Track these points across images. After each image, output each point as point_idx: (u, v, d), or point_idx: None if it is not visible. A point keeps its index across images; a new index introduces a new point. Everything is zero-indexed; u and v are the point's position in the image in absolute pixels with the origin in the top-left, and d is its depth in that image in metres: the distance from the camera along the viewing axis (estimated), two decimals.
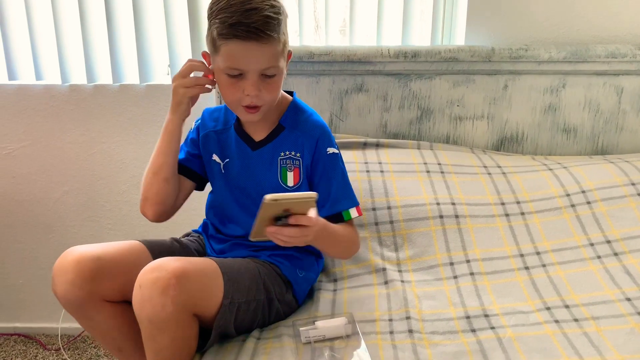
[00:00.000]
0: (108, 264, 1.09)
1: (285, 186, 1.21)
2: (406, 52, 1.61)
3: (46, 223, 1.89)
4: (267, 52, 1.08)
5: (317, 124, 1.23)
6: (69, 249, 1.11)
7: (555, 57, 1.61)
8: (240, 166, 1.24)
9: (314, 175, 1.22)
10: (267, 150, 1.22)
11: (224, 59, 1.09)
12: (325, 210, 1.20)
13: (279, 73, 1.12)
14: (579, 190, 1.44)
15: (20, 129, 1.81)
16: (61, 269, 1.08)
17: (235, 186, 1.25)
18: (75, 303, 1.08)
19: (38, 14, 1.73)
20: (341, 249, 1.24)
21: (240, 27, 1.04)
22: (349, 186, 1.24)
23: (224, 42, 1.07)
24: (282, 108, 1.23)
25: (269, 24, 1.05)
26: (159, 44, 1.74)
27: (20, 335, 1.99)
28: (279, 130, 1.22)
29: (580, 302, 1.18)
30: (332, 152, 1.22)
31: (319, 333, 1.09)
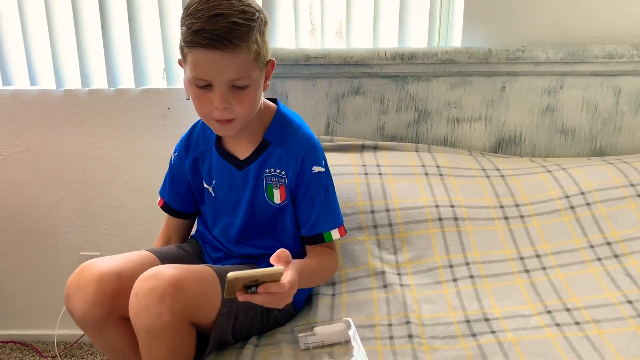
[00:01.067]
0: (127, 280, 1.03)
1: (272, 203, 1.18)
2: (403, 54, 1.60)
3: (41, 229, 1.88)
4: (235, 61, 1.00)
5: (303, 139, 1.16)
6: (85, 264, 1.06)
7: (552, 58, 1.60)
8: (228, 187, 1.20)
9: (297, 194, 1.17)
10: (253, 168, 1.17)
11: (190, 68, 1.02)
12: (306, 231, 1.18)
13: (251, 85, 1.04)
14: (578, 192, 1.43)
15: (14, 135, 1.79)
16: (79, 287, 1.03)
17: (225, 208, 1.22)
18: (94, 322, 1.04)
19: (32, 18, 1.72)
20: (318, 282, 1.22)
21: (203, 34, 0.97)
22: (334, 206, 1.19)
23: (189, 51, 1.00)
24: (266, 121, 1.17)
25: (235, 31, 0.98)
26: (154, 47, 1.73)
27: (16, 342, 1.97)
28: (264, 147, 1.16)
29: (581, 305, 1.17)
30: (317, 171, 1.16)
31: (318, 339, 1.08)
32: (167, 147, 1.77)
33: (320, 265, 1.16)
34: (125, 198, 1.83)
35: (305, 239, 1.18)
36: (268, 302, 0.95)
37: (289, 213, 1.18)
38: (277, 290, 0.93)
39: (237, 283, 0.91)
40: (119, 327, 1.06)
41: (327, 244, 1.19)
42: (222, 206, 1.22)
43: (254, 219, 1.19)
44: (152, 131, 1.77)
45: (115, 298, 1.03)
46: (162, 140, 1.77)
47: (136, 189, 1.82)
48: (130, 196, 1.83)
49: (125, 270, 1.06)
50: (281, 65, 1.59)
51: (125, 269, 1.06)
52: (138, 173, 1.81)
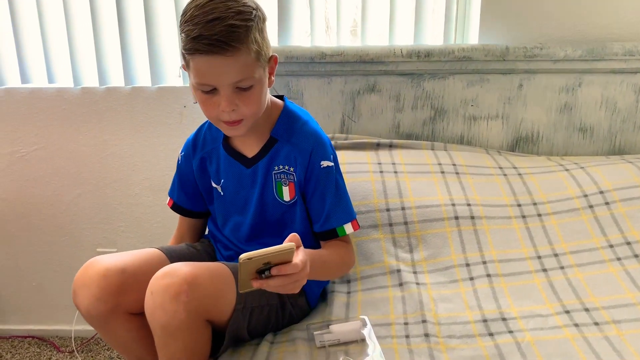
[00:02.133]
0: (132, 276, 1.06)
1: (281, 201, 1.17)
2: (419, 51, 1.59)
3: (59, 226, 1.90)
4: (236, 64, 0.99)
5: (310, 134, 1.15)
6: (91, 260, 1.08)
7: (571, 55, 1.58)
8: (236, 185, 1.20)
9: (307, 190, 1.16)
10: (261, 166, 1.16)
11: (193, 74, 1.02)
12: (319, 226, 1.17)
13: (256, 84, 1.03)
14: (597, 191, 1.41)
15: (32, 132, 1.82)
16: (84, 282, 1.05)
17: (234, 207, 1.22)
18: (100, 317, 1.05)
19: (50, 17, 1.74)
20: (333, 276, 1.21)
21: (202, 40, 0.96)
22: (345, 200, 1.18)
23: (190, 57, 1.00)
24: (272, 118, 1.16)
25: (233, 33, 0.96)
26: (171, 46, 1.74)
27: (34, 337, 2.00)
28: (272, 143, 1.15)
29: (601, 305, 1.16)
30: (326, 166, 1.15)
31: (334, 337, 1.08)
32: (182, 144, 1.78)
33: (333, 257, 1.15)
34: (142, 195, 1.85)
35: (319, 235, 1.18)
36: (283, 286, 0.94)
37: (299, 210, 1.18)
38: (291, 270, 0.92)
39: (249, 268, 0.91)
40: (126, 323, 1.08)
41: (342, 239, 1.18)
42: (231, 205, 1.22)
43: (263, 217, 1.19)
44: (169, 129, 1.78)
45: (119, 293, 1.04)
46: (178, 138, 1.78)
47: (152, 187, 1.83)
48: (147, 193, 1.84)
49: (130, 267, 1.07)
50: (296, 63, 1.59)
51: (130, 265, 1.08)
52: (154, 170, 1.82)
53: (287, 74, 1.62)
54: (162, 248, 1.19)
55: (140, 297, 1.04)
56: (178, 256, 1.17)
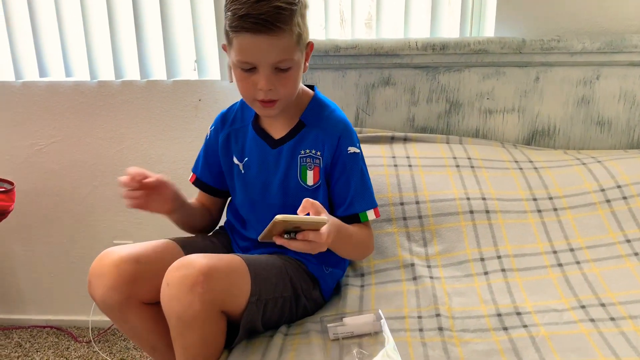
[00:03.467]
0: (146, 266, 1.07)
1: (304, 185, 1.18)
2: (434, 44, 1.58)
3: (76, 218, 1.92)
4: (279, 44, 1.03)
5: (339, 121, 1.19)
6: (105, 251, 1.10)
7: (588, 47, 1.56)
8: (259, 165, 1.21)
9: (332, 174, 1.18)
10: (287, 148, 1.18)
11: (235, 52, 1.05)
12: (342, 211, 1.18)
13: (294, 66, 1.07)
14: (614, 185, 1.40)
15: (50, 125, 1.84)
16: (99, 272, 1.07)
17: (254, 186, 1.22)
18: (114, 306, 1.07)
19: (67, 12, 1.75)
20: (355, 252, 1.22)
21: (249, 19, 1.00)
22: (368, 187, 1.20)
23: (235, 35, 1.03)
24: (302, 104, 1.20)
25: (279, 15, 1.00)
26: (186, 39, 1.75)
27: (52, 327, 2.03)
28: (300, 127, 1.18)
29: (617, 301, 1.14)
30: (352, 152, 1.18)
31: (347, 329, 1.08)
32: (198, 137, 1.79)
33: (357, 234, 1.17)
34: None
35: (342, 220, 1.18)
36: (302, 249, 0.99)
37: (322, 195, 1.19)
38: (315, 238, 0.97)
39: (279, 227, 0.96)
40: (140, 312, 1.09)
41: (364, 224, 1.20)
42: (252, 185, 1.23)
43: (284, 200, 1.20)
44: (184, 122, 1.79)
45: (133, 283, 1.06)
46: (193, 131, 1.80)
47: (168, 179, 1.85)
48: None
49: (144, 257, 1.09)
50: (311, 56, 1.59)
51: (144, 255, 1.09)
52: (170, 163, 1.84)
53: None
54: (176, 239, 1.20)
55: (153, 287, 1.06)
56: (192, 247, 1.18)
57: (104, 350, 1.89)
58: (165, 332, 1.10)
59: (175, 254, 1.13)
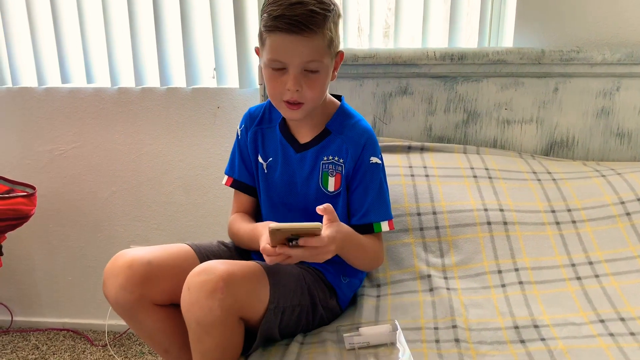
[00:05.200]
0: (158, 268, 1.10)
1: (325, 191, 1.20)
2: (453, 54, 1.58)
3: (95, 222, 1.95)
4: (310, 45, 1.06)
5: (364, 130, 1.21)
6: (120, 252, 1.13)
7: (609, 59, 1.55)
8: (282, 168, 1.23)
9: (352, 182, 1.20)
10: (310, 154, 1.21)
11: (267, 51, 1.09)
12: (356, 219, 1.19)
13: (322, 69, 1.10)
14: (634, 198, 1.38)
15: (71, 131, 1.87)
16: (112, 273, 1.10)
17: (275, 188, 1.24)
18: (126, 306, 1.09)
19: (89, 20, 1.78)
20: (364, 262, 1.22)
21: (283, 19, 1.04)
22: (385, 198, 1.21)
23: (268, 35, 1.07)
24: (329, 112, 1.22)
25: (313, 18, 1.04)
26: (205, 47, 1.77)
27: (69, 330, 2.05)
28: (325, 135, 1.21)
29: (637, 315, 1.13)
30: (374, 162, 1.19)
31: (363, 340, 1.08)
32: (216, 145, 1.81)
33: (367, 245, 1.18)
34: (175, 194, 1.88)
35: (355, 228, 1.18)
36: (307, 256, 1.01)
37: (341, 203, 1.20)
38: (317, 243, 0.99)
39: (278, 236, 0.98)
40: (152, 313, 1.11)
41: (376, 235, 1.21)
42: (273, 186, 1.24)
43: (304, 205, 1.21)
44: (202, 129, 1.81)
45: (144, 283, 1.08)
46: (212, 139, 1.81)
47: (185, 185, 1.87)
48: (180, 192, 1.88)
49: (156, 259, 1.11)
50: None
51: (156, 257, 1.12)
52: (188, 170, 1.86)
53: None
54: (191, 244, 1.21)
55: (166, 289, 1.10)
56: (207, 253, 1.20)
57: (119, 354, 1.91)
58: (178, 335, 1.12)
59: (189, 258, 1.16)
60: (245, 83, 1.72)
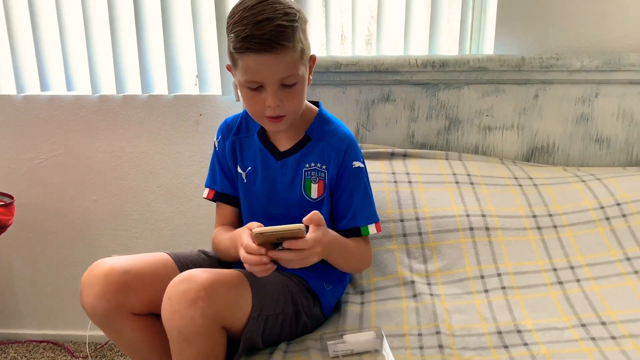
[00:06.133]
0: (136, 277, 1.09)
1: (309, 198, 1.19)
2: (434, 61, 1.59)
3: (76, 232, 1.92)
4: (283, 61, 1.05)
5: (345, 135, 1.21)
6: (97, 261, 1.11)
7: (587, 66, 1.57)
8: (263, 177, 1.22)
9: (337, 188, 1.20)
10: (291, 161, 1.20)
11: (241, 73, 1.07)
12: (343, 224, 1.19)
13: (299, 81, 1.09)
14: (613, 203, 1.40)
15: (51, 139, 1.84)
16: (89, 282, 1.08)
17: (256, 197, 1.23)
18: (103, 316, 1.08)
19: (70, 26, 1.76)
20: (351, 265, 1.22)
21: (252, 39, 1.02)
22: (371, 202, 1.22)
23: (240, 56, 1.06)
24: (308, 119, 1.22)
25: (282, 33, 1.03)
26: (187, 54, 1.76)
27: (49, 342, 2.01)
28: (306, 141, 1.20)
29: (618, 319, 1.14)
30: (357, 166, 1.20)
31: (347, 347, 1.08)
32: (198, 152, 1.80)
33: (355, 248, 1.18)
34: (157, 202, 1.86)
35: (342, 233, 1.18)
36: (294, 259, 1.00)
37: (325, 209, 1.20)
38: (302, 245, 0.98)
39: (261, 240, 0.97)
40: (131, 323, 1.10)
41: (363, 238, 1.21)
42: (253, 196, 1.24)
43: (287, 213, 1.21)
44: (185, 137, 1.80)
45: (121, 292, 1.07)
46: (194, 146, 1.80)
47: (167, 194, 1.85)
48: (162, 200, 1.86)
49: (134, 268, 1.10)
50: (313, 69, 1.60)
51: (134, 266, 1.11)
52: (170, 178, 1.84)
53: None
54: (170, 253, 1.20)
55: (144, 298, 1.08)
56: (187, 262, 1.19)
57: None
58: (158, 345, 1.11)
59: (168, 267, 1.15)
60: (228, 90, 1.72)
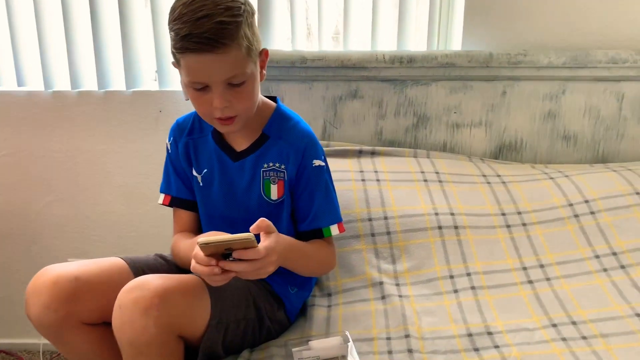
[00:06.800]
0: (86, 284, 1.02)
1: (268, 199, 1.14)
2: (402, 57, 1.56)
3: (28, 235, 1.82)
4: (227, 61, 0.98)
5: (304, 133, 1.15)
6: (44, 268, 1.04)
7: (554, 62, 1.57)
8: (220, 179, 1.16)
9: (297, 188, 1.15)
10: (249, 161, 1.14)
11: (184, 73, 1.01)
12: (305, 225, 1.15)
13: (247, 79, 1.03)
14: (582, 200, 1.39)
15: (1, 137, 1.74)
16: (35, 290, 1.01)
17: (214, 201, 1.17)
18: (51, 327, 1.01)
19: (20, 18, 1.67)
20: (312, 270, 1.17)
21: (192, 38, 0.95)
22: (333, 201, 1.17)
23: (181, 56, 0.99)
24: (265, 116, 1.15)
25: (223, 30, 0.95)
26: (146, 49, 1.68)
27: (1, 351, 1.92)
28: (263, 140, 1.14)
29: (588, 319, 1.13)
30: (317, 165, 1.14)
31: (313, 354, 1.04)
32: (159, 150, 1.72)
33: (314, 252, 1.12)
34: (116, 203, 1.78)
35: (304, 234, 1.15)
36: (247, 272, 0.93)
37: (285, 210, 1.15)
38: (253, 256, 0.91)
39: (209, 251, 0.90)
40: (82, 334, 1.03)
41: (326, 240, 1.16)
42: (211, 198, 1.17)
43: (246, 215, 1.14)
44: (144, 134, 1.72)
45: (71, 301, 1.00)
46: (154, 144, 1.73)
47: (127, 194, 1.77)
48: (121, 201, 1.78)
49: (85, 275, 1.03)
50: (277, 67, 1.55)
51: (84, 273, 1.04)
52: (129, 177, 1.76)
53: (267, 79, 1.55)
54: (125, 258, 1.14)
55: (96, 306, 1.02)
56: (142, 267, 1.12)
57: None
58: (111, 356, 1.04)
59: (123, 273, 1.08)
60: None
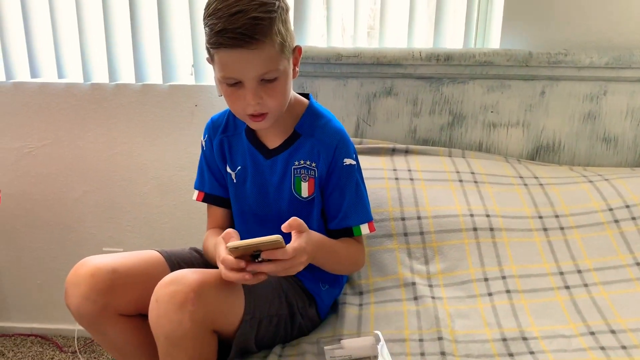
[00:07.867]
0: (123, 276, 1.04)
1: (299, 197, 1.14)
2: (439, 55, 1.54)
3: (65, 223, 1.86)
4: (261, 56, 0.97)
5: (335, 131, 1.14)
6: (83, 259, 1.06)
7: (596, 62, 1.52)
8: (253, 176, 1.16)
9: (327, 186, 1.14)
10: (281, 159, 1.14)
11: (218, 68, 1.01)
12: (334, 224, 1.14)
13: (280, 76, 1.02)
14: (622, 205, 1.35)
15: (41, 128, 1.78)
16: (75, 281, 1.03)
17: (246, 199, 1.17)
18: (89, 317, 1.03)
19: (61, 12, 1.70)
20: (341, 268, 1.17)
21: (226, 34, 0.94)
22: (364, 200, 1.16)
23: (215, 52, 0.99)
24: (297, 113, 1.15)
25: (257, 26, 0.95)
26: (183, 43, 1.70)
27: (36, 336, 1.97)
28: (295, 138, 1.13)
29: (628, 328, 1.09)
30: (348, 164, 1.13)
31: (345, 353, 1.03)
32: (193, 144, 1.74)
33: (343, 250, 1.12)
34: (150, 195, 1.81)
35: (333, 233, 1.14)
36: (276, 271, 0.94)
37: (316, 208, 1.15)
38: (281, 256, 0.92)
39: (238, 254, 0.91)
40: (118, 324, 1.05)
41: (355, 239, 1.15)
42: (244, 195, 1.18)
43: (278, 212, 1.15)
44: (179, 128, 1.74)
45: (108, 293, 1.02)
46: (189, 137, 1.74)
47: (161, 186, 1.80)
48: (155, 193, 1.80)
49: (122, 267, 1.05)
50: (312, 63, 1.55)
51: (122, 265, 1.05)
52: (163, 170, 1.78)
53: (301, 75, 1.57)
54: (161, 251, 1.15)
55: (132, 298, 1.03)
56: (178, 261, 1.13)
57: None
58: (146, 347, 1.06)
59: (158, 266, 1.10)
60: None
